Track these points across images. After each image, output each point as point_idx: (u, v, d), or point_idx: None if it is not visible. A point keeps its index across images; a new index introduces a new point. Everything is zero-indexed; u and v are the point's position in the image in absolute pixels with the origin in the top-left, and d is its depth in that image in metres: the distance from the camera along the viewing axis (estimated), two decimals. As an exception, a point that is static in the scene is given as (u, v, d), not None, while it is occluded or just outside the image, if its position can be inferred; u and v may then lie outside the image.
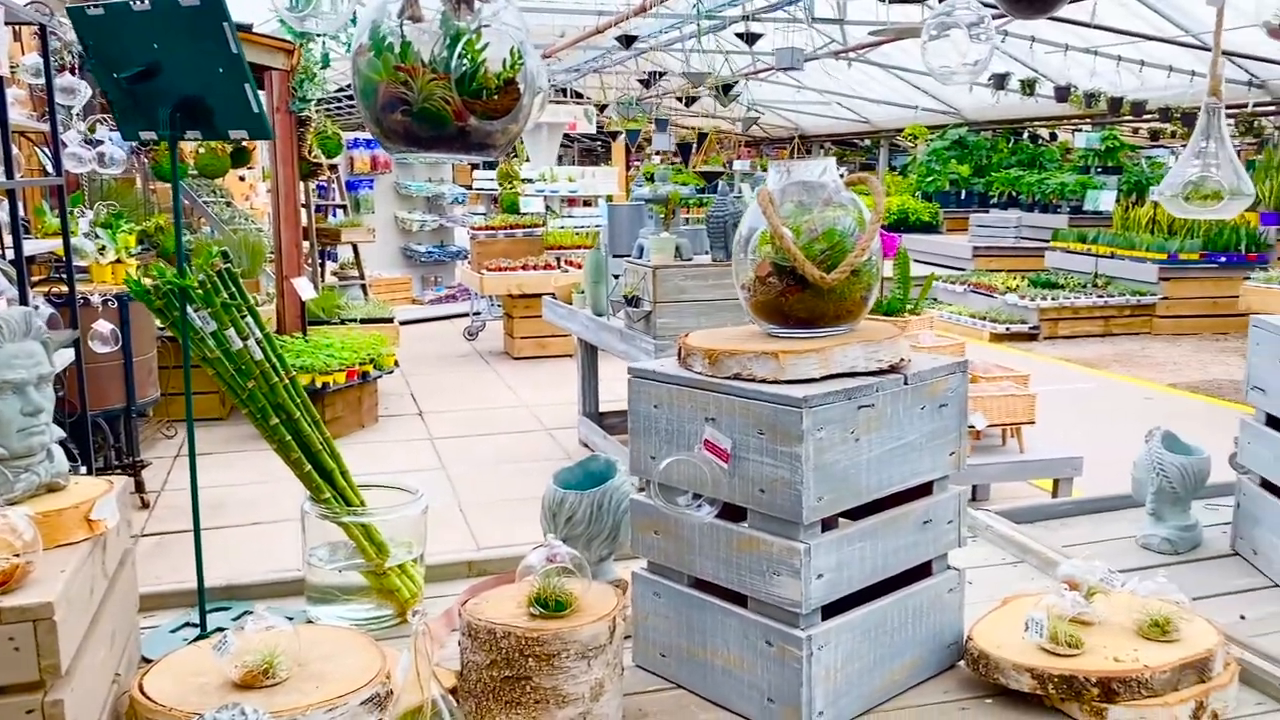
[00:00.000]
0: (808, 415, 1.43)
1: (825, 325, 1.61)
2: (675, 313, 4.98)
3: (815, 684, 1.48)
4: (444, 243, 12.46)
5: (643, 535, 1.68)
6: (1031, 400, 4.76)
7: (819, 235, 1.61)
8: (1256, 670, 1.62)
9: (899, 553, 1.60)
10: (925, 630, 1.65)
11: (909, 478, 1.60)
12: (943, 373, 1.63)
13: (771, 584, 1.49)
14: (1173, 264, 10.49)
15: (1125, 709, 1.51)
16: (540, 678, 1.45)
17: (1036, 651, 1.59)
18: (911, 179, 17.86)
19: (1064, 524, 2.44)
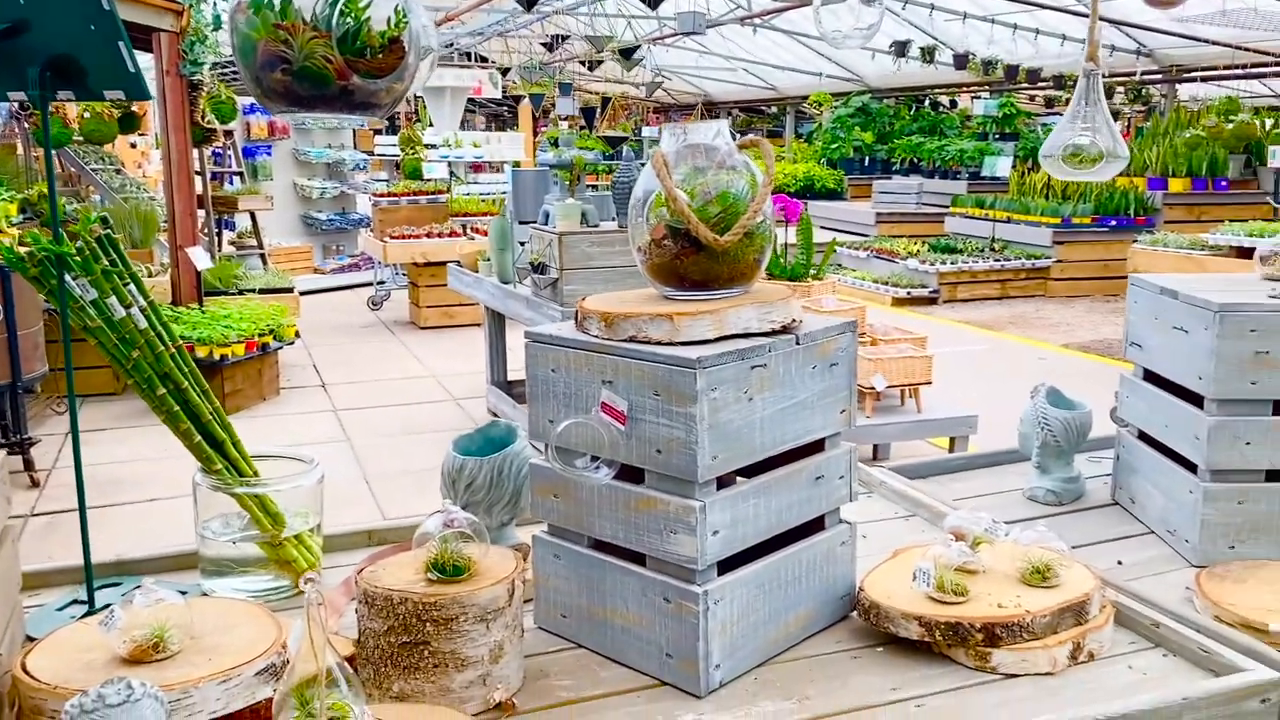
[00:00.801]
0: (702, 376, 1.45)
1: (720, 287, 1.62)
2: (582, 279, 4.97)
3: (712, 638, 1.51)
4: (346, 210, 12.20)
5: (542, 499, 1.68)
6: (929, 362, 4.89)
7: (713, 198, 1.62)
8: (1130, 611, 1.71)
9: (792, 508, 1.63)
10: (819, 583, 1.70)
11: (802, 435, 1.63)
12: (833, 333, 1.66)
13: (669, 542, 1.51)
14: (1066, 228, 10.84)
15: (1008, 652, 1.58)
16: (438, 642, 1.45)
17: (924, 600, 1.65)
18: (817, 146, 18.07)
19: (955, 478, 2.52)
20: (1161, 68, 13.63)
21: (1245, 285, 2.07)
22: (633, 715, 1.48)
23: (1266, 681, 1.49)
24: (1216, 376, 1.91)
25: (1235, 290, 2.01)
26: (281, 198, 11.46)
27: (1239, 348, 1.90)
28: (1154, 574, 1.97)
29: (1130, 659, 1.63)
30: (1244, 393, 1.92)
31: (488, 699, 1.48)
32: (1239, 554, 1.96)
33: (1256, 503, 1.95)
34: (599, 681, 1.58)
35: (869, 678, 1.58)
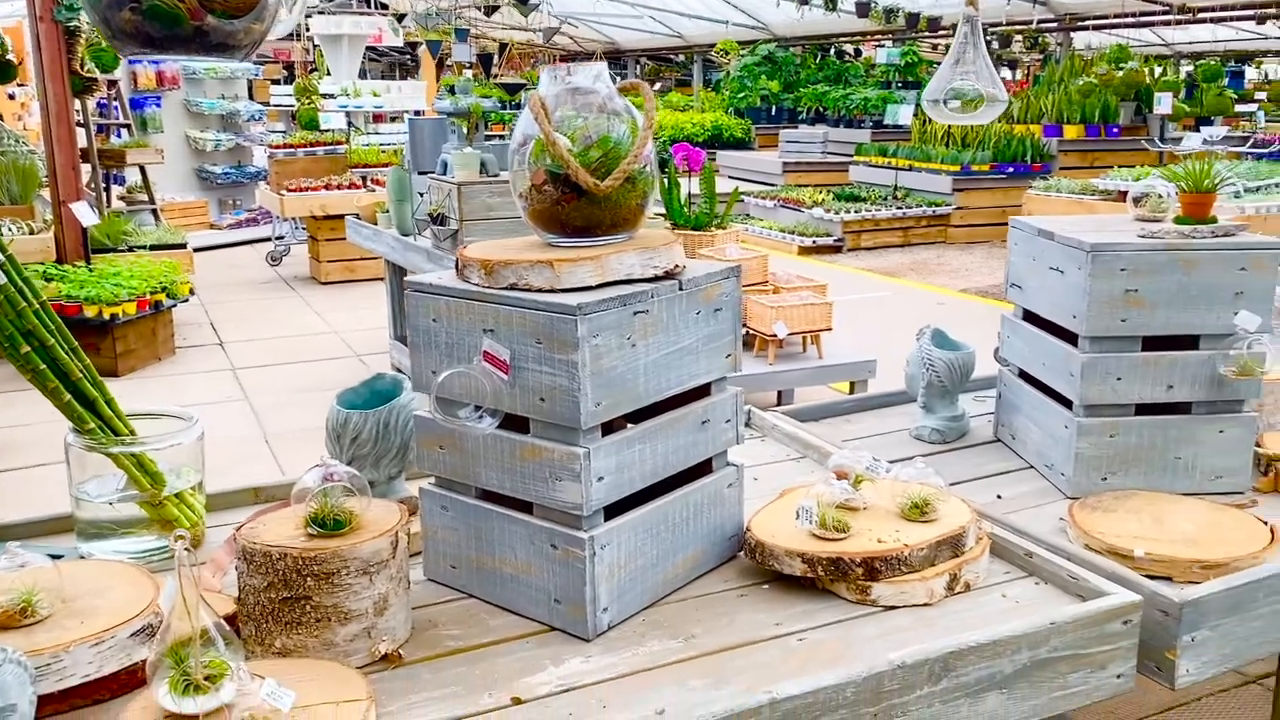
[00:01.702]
0: (583, 323, 1.44)
1: (603, 233, 1.61)
2: (483, 230, 4.91)
3: (599, 582, 1.52)
4: (242, 163, 11.81)
5: (428, 451, 1.67)
6: (829, 308, 4.96)
7: (594, 143, 1.61)
8: (1005, 542, 1.77)
9: (678, 452, 1.65)
10: (706, 525, 1.72)
11: (687, 380, 1.64)
12: (717, 278, 1.67)
13: (554, 489, 1.51)
14: (965, 175, 11.06)
15: (886, 585, 1.62)
16: (320, 596, 1.44)
17: (808, 538, 1.69)
18: (724, 95, 18.06)
19: (847, 420, 2.58)
20: (1056, 16, 13.92)
21: (1118, 226, 2.14)
22: (521, 661, 1.49)
23: (1127, 604, 1.57)
24: (1089, 315, 1.98)
25: (1108, 231, 2.08)
26: (173, 151, 11.03)
27: (1110, 286, 1.97)
28: (1031, 506, 2.05)
29: (1005, 588, 1.70)
30: (1115, 330, 1.99)
31: (373, 651, 1.47)
32: (1111, 485, 2.04)
33: (1127, 436, 2.03)
34: (488, 630, 1.58)
35: (754, 614, 1.61)
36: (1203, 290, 1.97)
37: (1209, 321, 1.99)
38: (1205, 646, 1.64)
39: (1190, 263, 1.96)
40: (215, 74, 11.37)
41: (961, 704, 1.46)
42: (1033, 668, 1.50)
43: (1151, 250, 1.96)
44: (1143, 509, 1.92)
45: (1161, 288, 1.96)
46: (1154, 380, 2.01)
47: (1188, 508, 1.92)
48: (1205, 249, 1.96)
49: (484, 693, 1.41)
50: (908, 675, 1.41)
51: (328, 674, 1.40)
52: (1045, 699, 1.53)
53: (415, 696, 1.40)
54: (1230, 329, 1.98)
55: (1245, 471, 2.05)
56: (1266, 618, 1.70)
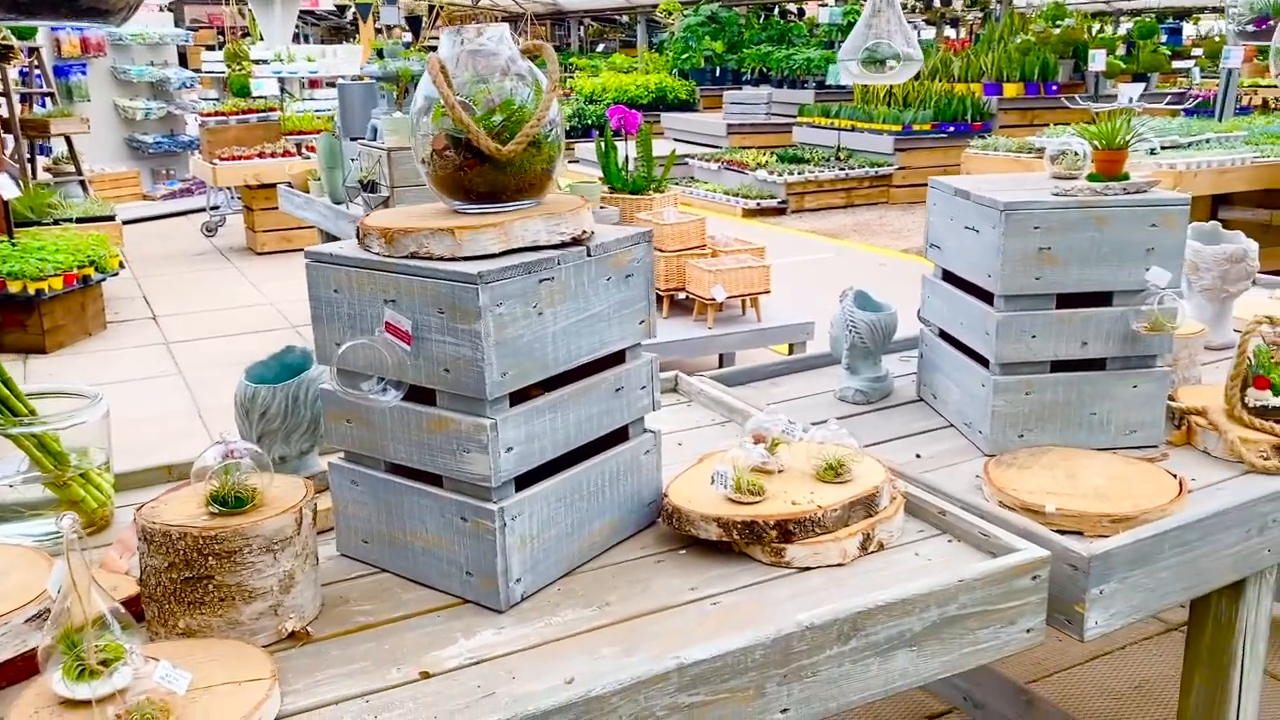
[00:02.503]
0: (485, 291, 1.42)
1: (508, 199, 1.58)
2: (415, 196, 4.83)
3: (511, 553, 1.51)
4: (174, 132, 11.52)
5: (335, 425, 1.64)
6: (766, 271, 4.97)
7: (496, 106, 1.57)
8: (919, 501, 1.78)
9: (591, 421, 1.63)
10: (623, 492, 1.71)
11: (599, 348, 1.63)
12: (627, 243, 1.65)
13: (462, 462, 1.49)
14: (907, 135, 11.11)
15: (800, 547, 1.63)
16: (222, 575, 1.41)
17: (724, 502, 1.69)
18: (668, 56, 17.93)
19: (774, 383, 2.58)
20: (996, -26, 13.96)
21: (1034, 184, 2.15)
22: (431, 634, 1.48)
23: (1035, 560, 1.59)
24: (1003, 273, 1.99)
25: (1022, 189, 2.09)
26: (101, 120, 10.73)
27: (1023, 245, 1.97)
28: (949, 465, 2.06)
29: (918, 546, 1.71)
30: (1029, 288, 2.00)
31: (280, 629, 1.45)
32: (1027, 441, 2.07)
33: (1043, 392, 2.05)
34: (401, 604, 1.56)
35: (670, 580, 1.61)
36: (1115, 247, 1.98)
37: (1121, 278, 2.00)
38: (1113, 599, 1.67)
39: (1102, 219, 1.97)
40: (143, 40, 11.05)
41: (871, 663, 1.47)
42: (942, 625, 1.52)
43: (1064, 208, 1.97)
44: (1057, 465, 1.95)
45: (1074, 245, 1.98)
46: (1068, 337, 2.02)
47: (1100, 462, 1.95)
48: (1117, 205, 1.97)
49: (392, 667, 1.40)
50: (816, 636, 1.42)
51: (232, 653, 1.38)
52: (955, 655, 1.55)
53: (322, 674, 1.39)
54: (1142, 285, 2.01)
55: (1159, 425, 2.08)
56: (1173, 569, 1.73)
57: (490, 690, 1.34)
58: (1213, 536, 1.77)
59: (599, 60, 19.90)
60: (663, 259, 4.97)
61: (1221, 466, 2.01)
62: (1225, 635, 1.97)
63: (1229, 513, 1.78)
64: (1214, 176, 6.47)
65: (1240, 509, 1.79)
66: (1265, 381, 2.06)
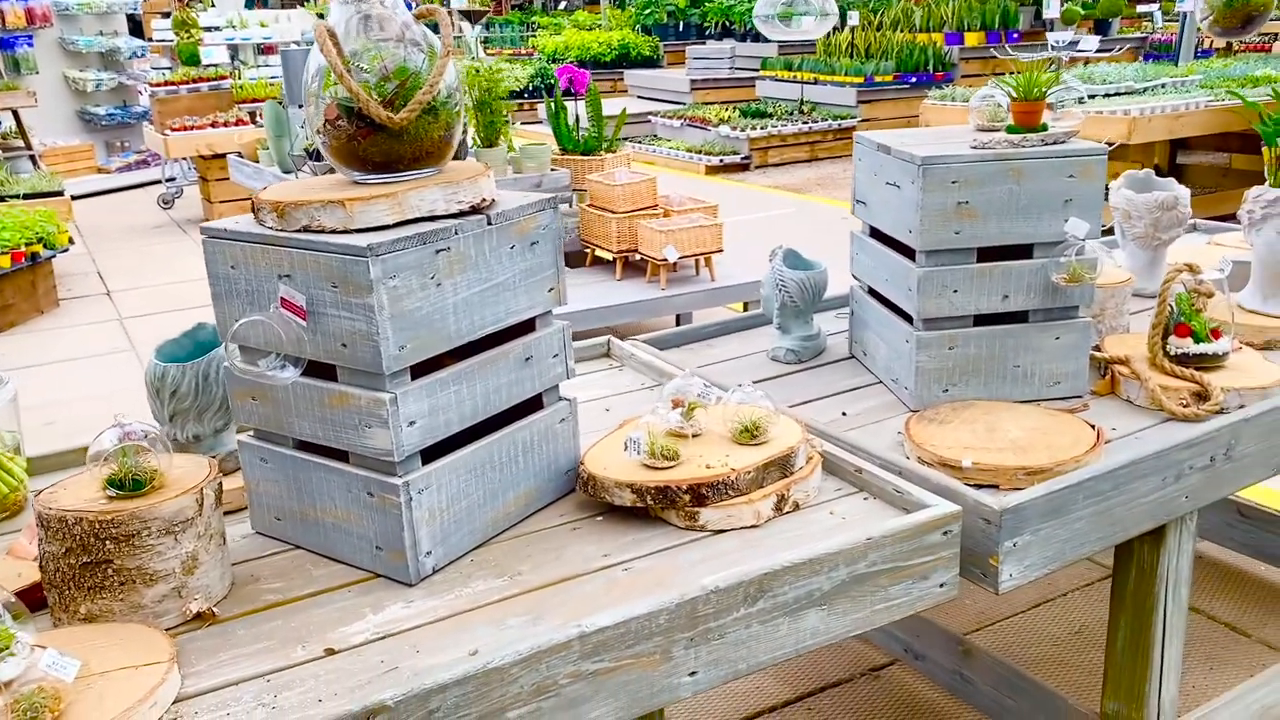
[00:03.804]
0: (376, 264, 1.40)
1: (405, 168, 1.56)
2: (362, 165, 4.75)
3: (419, 527, 1.50)
4: (127, 103, 11.31)
5: (241, 403, 1.62)
6: (719, 230, 4.94)
7: (390, 73, 1.54)
8: (836, 460, 1.79)
9: (500, 391, 1.62)
10: (539, 461, 1.70)
11: (504, 317, 1.61)
12: (530, 210, 1.62)
13: (365, 437, 1.48)
14: (869, 87, 11.05)
15: (714, 510, 1.63)
16: (121, 559, 1.39)
17: (638, 468, 1.68)
18: (630, 12, 17.72)
19: (708, 345, 2.57)
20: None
21: (955, 138, 2.13)
22: (340, 610, 1.47)
23: (946, 515, 1.60)
24: (923, 229, 1.98)
25: (942, 143, 2.07)
26: (51, 92, 10.52)
27: (942, 199, 1.96)
28: (875, 421, 2.07)
29: (834, 505, 1.71)
30: (949, 243, 2.00)
31: (184, 611, 1.44)
32: (952, 396, 2.07)
33: (966, 347, 2.05)
34: (312, 580, 1.56)
35: (584, 547, 1.61)
36: (1033, 199, 1.98)
37: (1041, 230, 2.00)
38: (1027, 551, 1.68)
39: (1020, 172, 1.96)
40: (90, 9, 10.81)
41: (781, 623, 1.48)
42: (852, 583, 1.53)
43: (981, 161, 1.96)
44: (978, 419, 1.95)
45: (993, 198, 1.97)
46: (990, 291, 2.02)
47: (1021, 415, 1.96)
48: (1034, 158, 1.96)
49: (298, 645, 1.39)
50: (722, 599, 1.42)
51: (133, 637, 1.37)
52: (867, 612, 1.56)
53: (226, 654, 1.38)
54: (1062, 236, 2.00)
55: (1082, 376, 2.09)
56: (1088, 519, 1.75)
57: (393, 665, 1.34)
58: (1128, 486, 1.78)
59: (562, 18, 19.65)
60: (614, 220, 4.94)
61: (1143, 415, 2.02)
62: (1148, 581, 1.99)
63: (1144, 461, 1.79)
64: (1168, 121, 6.47)
65: (1156, 457, 1.81)
66: (1186, 329, 2.07)
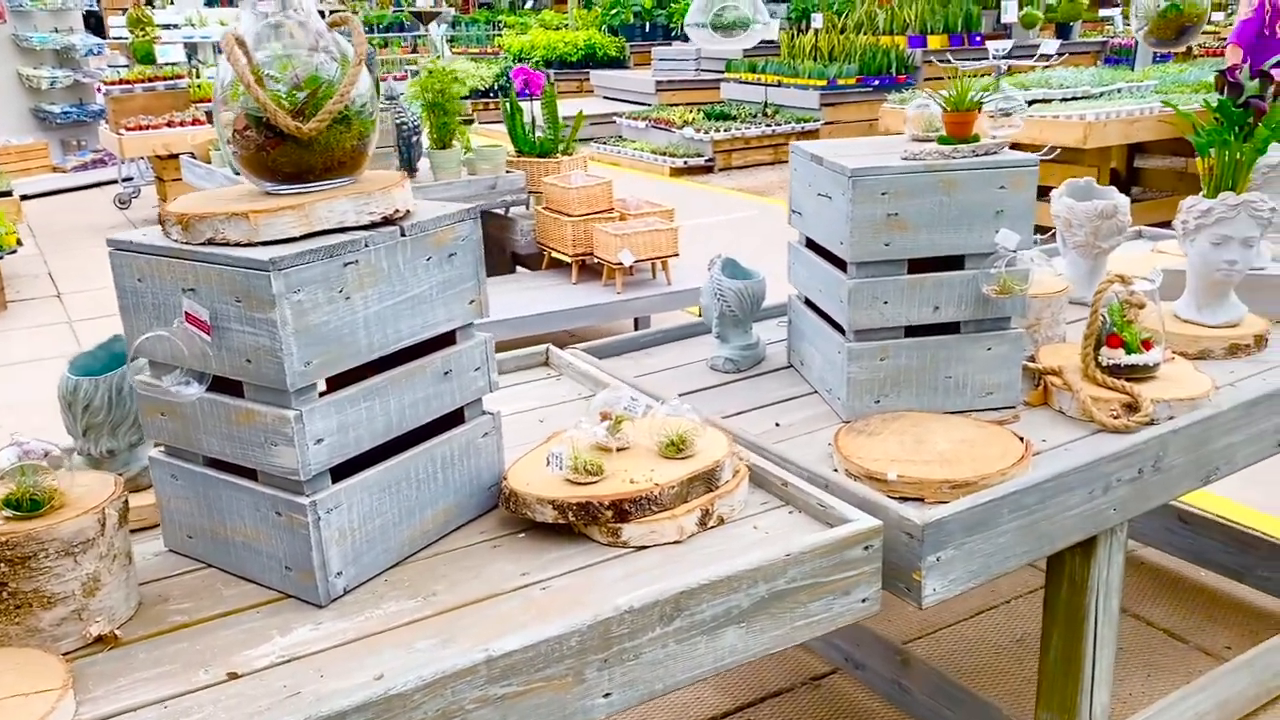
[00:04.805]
0: (278, 279, 1.36)
1: (316, 179, 1.53)
2: (313, 167, 4.69)
3: (329, 547, 1.47)
4: (83, 101, 11.15)
5: (151, 418, 1.58)
6: (674, 234, 4.93)
7: (301, 82, 1.51)
8: (763, 473, 1.77)
9: (417, 406, 1.59)
10: (460, 477, 1.67)
11: (421, 331, 1.58)
12: (448, 221, 1.59)
13: (271, 455, 1.45)
14: (832, 89, 11.07)
15: (637, 526, 1.61)
16: (17, 582, 1.35)
17: (561, 483, 1.66)
18: (597, 12, 17.69)
19: (647, 354, 2.55)
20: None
21: (889, 147, 2.12)
22: (248, 632, 1.44)
23: (867, 530, 1.58)
24: (853, 240, 1.97)
25: (874, 154, 2.06)
26: (4, 89, 10.35)
27: (872, 211, 1.95)
28: (807, 433, 2.05)
29: (759, 519, 1.70)
30: (879, 254, 1.98)
31: (85, 634, 1.40)
32: (884, 407, 2.06)
33: (897, 358, 2.05)
34: (221, 600, 1.52)
35: (503, 565, 1.58)
36: (963, 210, 1.97)
37: (971, 241, 1.99)
38: (951, 565, 1.67)
39: (950, 183, 1.95)
40: (45, 6, 10.64)
41: (698, 642, 1.46)
42: (771, 600, 1.51)
43: (911, 173, 1.95)
44: (907, 430, 1.94)
45: (923, 210, 1.96)
46: (921, 302, 2.01)
47: (950, 426, 1.95)
48: (964, 169, 1.96)
49: (200, 669, 1.36)
50: (637, 619, 1.40)
51: (27, 663, 1.33)
52: (787, 629, 1.54)
53: (125, 679, 1.34)
54: (993, 248, 2.00)
55: (1015, 387, 2.09)
56: (1013, 532, 1.74)
57: (296, 690, 1.31)
58: (1054, 499, 1.78)
59: (529, 17, 19.58)
60: (569, 223, 4.91)
61: (1075, 426, 2.02)
62: (1078, 593, 1.99)
63: (1070, 474, 1.79)
64: (1123, 126, 6.52)
65: (1082, 470, 1.81)
66: (1118, 340, 2.08)
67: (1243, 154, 2.26)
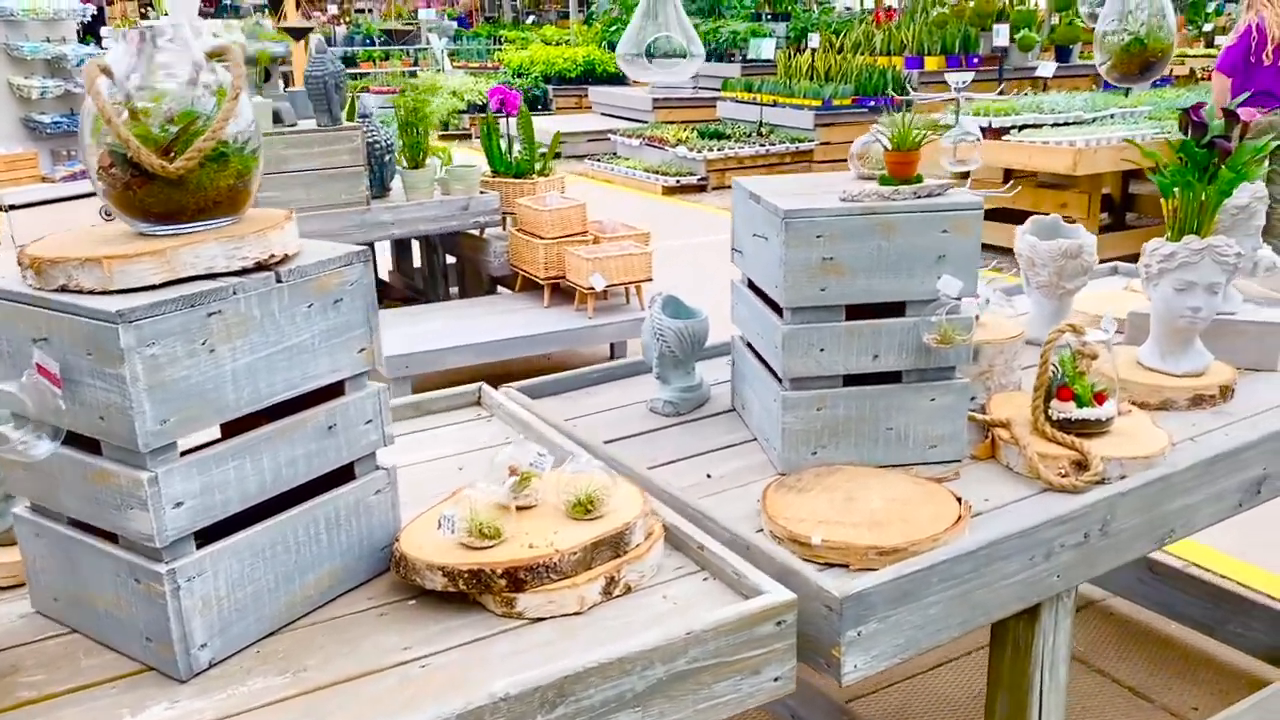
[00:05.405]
0: (128, 331, 1.26)
1: (191, 220, 1.42)
2: (278, 185, 4.64)
3: (190, 617, 1.36)
4: (74, 110, 11.05)
5: (13, 472, 1.47)
6: (648, 258, 4.83)
7: (175, 116, 1.41)
8: (680, 534, 1.66)
9: (296, 464, 1.48)
10: (347, 539, 1.56)
11: (301, 383, 1.47)
12: (334, 265, 1.49)
13: (127, 518, 1.34)
14: (827, 110, 10.99)
15: (533, 596, 1.50)
16: None
17: (455, 548, 1.55)
18: (598, 28, 17.65)
19: (588, 393, 2.44)
20: (922, -54, 13.83)
21: (830, 187, 2.01)
22: (96, 710, 1.33)
23: (779, 605, 1.47)
24: (787, 284, 1.86)
25: (812, 194, 1.96)
26: (-7, 99, 10.29)
27: (806, 254, 1.85)
28: (741, 485, 1.94)
29: (670, 587, 1.59)
30: (815, 299, 1.88)
31: (-86, 714, 1.29)
32: (821, 459, 1.95)
33: (835, 408, 1.94)
34: (78, 672, 1.41)
35: (385, 638, 1.47)
36: (903, 255, 1.86)
37: (912, 287, 1.89)
38: (874, 639, 1.56)
39: (889, 226, 1.85)
40: (37, 15, 10.60)
41: (586, 729, 1.35)
42: (670, 682, 1.40)
43: (847, 215, 1.84)
44: (839, 486, 1.83)
45: (860, 254, 1.85)
46: (859, 350, 1.91)
47: (886, 483, 1.84)
48: (904, 212, 1.85)
49: (35, 755, 1.25)
50: (514, 707, 1.29)
51: None
52: (689, 712, 1.43)
53: (-50, 766, 1.23)
54: (936, 294, 1.89)
55: (960, 439, 1.98)
56: (945, 603, 1.63)
57: (132, 783, 1.20)
58: (990, 566, 1.67)
59: (529, 32, 19.57)
60: (541, 246, 4.81)
61: (1021, 484, 1.91)
62: (1023, 661, 1.88)
63: (1008, 541, 1.68)
64: (1114, 153, 6.42)
65: (1021, 536, 1.69)
66: (1069, 393, 1.96)
67: (1207, 196, 2.15)
